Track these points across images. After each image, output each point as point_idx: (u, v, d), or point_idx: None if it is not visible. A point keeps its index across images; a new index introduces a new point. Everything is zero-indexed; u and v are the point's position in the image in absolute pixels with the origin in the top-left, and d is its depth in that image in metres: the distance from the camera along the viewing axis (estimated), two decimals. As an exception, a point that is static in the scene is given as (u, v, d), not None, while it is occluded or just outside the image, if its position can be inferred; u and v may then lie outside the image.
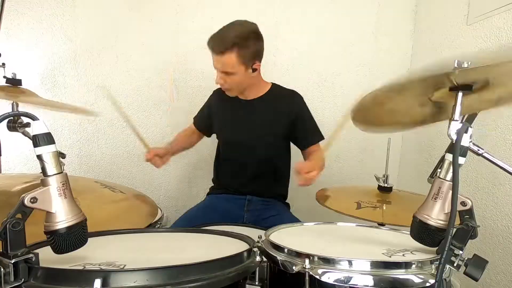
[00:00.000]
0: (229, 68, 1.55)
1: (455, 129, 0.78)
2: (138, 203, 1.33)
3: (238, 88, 1.67)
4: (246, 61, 1.56)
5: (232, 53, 1.52)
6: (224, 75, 1.58)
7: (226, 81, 1.61)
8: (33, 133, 0.68)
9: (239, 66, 1.55)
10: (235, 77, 1.59)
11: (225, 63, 1.54)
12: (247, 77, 1.62)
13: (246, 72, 1.59)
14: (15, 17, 2.11)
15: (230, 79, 1.59)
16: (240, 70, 1.56)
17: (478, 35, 1.76)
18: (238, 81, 1.61)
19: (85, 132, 2.26)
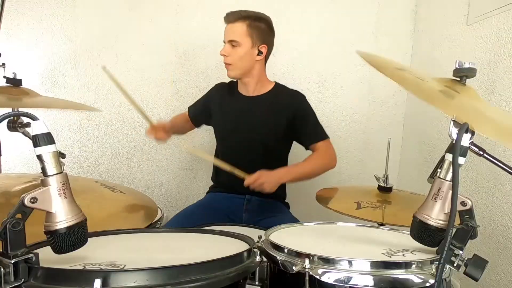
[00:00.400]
0: (236, 36, 1.60)
1: (455, 129, 0.78)
2: (138, 203, 1.33)
3: (240, 66, 1.65)
4: (254, 36, 1.62)
5: (244, 24, 1.60)
6: (229, 47, 1.62)
7: (230, 53, 1.62)
8: (33, 133, 0.68)
9: (246, 38, 1.61)
10: (240, 50, 1.61)
11: (234, 31, 1.61)
12: (251, 56, 1.64)
13: (252, 50, 1.63)
14: (15, 17, 2.11)
15: (234, 51, 1.62)
16: (246, 43, 1.61)
17: (478, 35, 1.76)
18: (241, 56, 1.62)
19: (85, 132, 2.26)
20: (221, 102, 1.82)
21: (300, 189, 2.27)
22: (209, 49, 2.28)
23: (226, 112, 1.80)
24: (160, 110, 2.31)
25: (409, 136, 2.41)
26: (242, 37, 1.60)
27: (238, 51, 1.61)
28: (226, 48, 1.63)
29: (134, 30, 2.22)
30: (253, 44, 1.63)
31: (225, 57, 1.64)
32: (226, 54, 1.63)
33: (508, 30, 1.59)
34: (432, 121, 2.13)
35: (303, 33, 2.35)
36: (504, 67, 1.60)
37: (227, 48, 1.63)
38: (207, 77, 2.29)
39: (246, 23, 1.60)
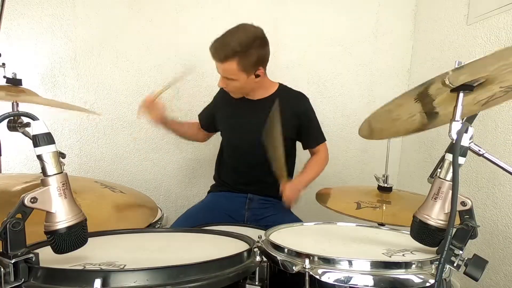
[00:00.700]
0: (229, 75, 1.57)
1: (455, 129, 0.78)
2: (138, 203, 1.33)
3: (241, 92, 1.69)
4: (248, 69, 1.56)
5: (233, 62, 1.51)
6: (226, 80, 1.60)
7: (228, 85, 1.63)
8: (33, 133, 0.68)
9: (240, 74, 1.56)
10: (236, 83, 1.60)
11: (225, 70, 1.56)
12: (250, 83, 1.63)
13: (248, 79, 1.60)
14: (15, 17, 2.11)
15: (232, 84, 1.61)
16: (241, 77, 1.58)
17: (478, 35, 1.76)
18: (239, 86, 1.63)
19: (85, 132, 2.26)
20: (226, 106, 1.82)
21: (300, 189, 2.27)
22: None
23: (231, 115, 1.80)
24: (160, 110, 2.30)
25: (409, 136, 2.41)
26: (235, 74, 1.56)
27: (235, 84, 1.61)
28: (223, 81, 1.62)
29: (134, 30, 2.22)
30: (249, 74, 1.58)
31: (225, 87, 1.65)
32: (224, 86, 1.64)
33: (508, 30, 1.59)
34: (432, 121, 2.13)
35: (303, 33, 2.35)
36: (504, 67, 1.60)
37: (224, 81, 1.61)
38: (207, 77, 2.29)
39: (235, 61, 1.51)
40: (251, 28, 1.57)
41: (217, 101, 1.88)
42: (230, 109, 1.80)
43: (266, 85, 1.75)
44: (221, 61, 1.53)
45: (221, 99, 1.85)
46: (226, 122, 1.82)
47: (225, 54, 1.51)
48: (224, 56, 1.51)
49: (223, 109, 1.83)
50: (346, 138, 2.45)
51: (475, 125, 0.79)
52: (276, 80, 1.83)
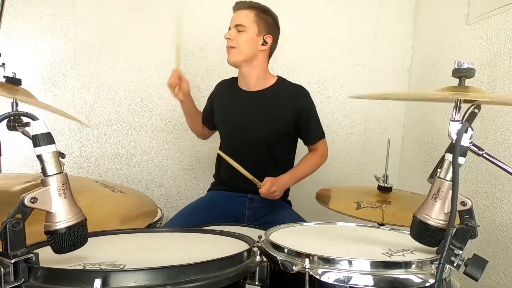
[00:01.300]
0: (243, 21, 1.61)
1: (455, 129, 0.78)
2: (138, 203, 1.33)
3: (243, 50, 1.63)
4: (261, 25, 1.64)
5: (251, 12, 1.63)
6: (235, 31, 1.62)
7: (234, 37, 1.62)
8: (33, 133, 0.68)
9: (252, 24, 1.62)
10: (245, 35, 1.61)
11: (241, 17, 1.62)
12: (255, 44, 1.64)
13: (257, 37, 1.63)
14: (15, 17, 2.11)
15: (239, 36, 1.62)
16: (252, 29, 1.62)
17: (478, 35, 1.76)
18: (246, 41, 1.62)
19: (85, 132, 2.26)
20: (222, 99, 1.82)
21: (301, 189, 2.27)
22: (209, 49, 2.28)
23: (227, 108, 1.79)
24: (160, 110, 2.31)
25: (409, 136, 2.41)
26: (249, 23, 1.61)
27: (243, 36, 1.62)
28: (231, 32, 1.63)
29: (134, 30, 2.22)
30: (259, 32, 1.63)
31: (229, 41, 1.63)
32: (230, 37, 1.62)
33: (508, 30, 1.59)
34: (432, 121, 2.13)
35: (303, 33, 2.35)
36: (504, 67, 1.60)
37: (232, 32, 1.62)
38: (207, 77, 2.29)
39: (254, 12, 1.62)
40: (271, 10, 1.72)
41: (214, 97, 1.87)
42: (227, 101, 1.79)
43: (266, 76, 1.73)
44: (242, 8, 1.64)
45: (218, 94, 1.85)
46: (224, 114, 1.80)
47: (248, 4, 1.65)
48: (247, 5, 1.64)
49: (220, 102, 1.82)
50: (346, 138, 2.46)
51: (475, 125, 0.79)
52: (276, 79, 1.82)
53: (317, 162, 1.79)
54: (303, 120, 1.71)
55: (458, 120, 0.79)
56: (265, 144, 1.70)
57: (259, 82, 1.71)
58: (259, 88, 1.72)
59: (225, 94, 1.81)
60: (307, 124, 1.73)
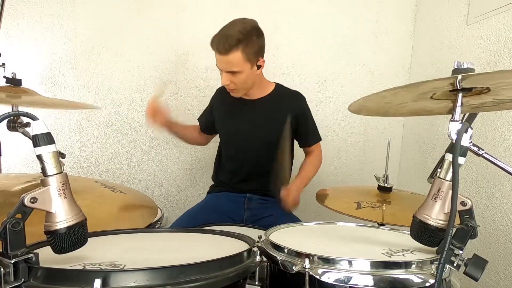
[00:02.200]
0: (234, 67, 1.53)
1: (455, 129, 0.78)
2: (138, 203, 1.33)
3: (244, 87, 1.65)
4: (251, 58, 1.55)
5: (238, 51, 1.50)
6: (230, 75, 1.56)
7: (232, 81, 1.58)
8: (33, 133, 0.68)
9: (244, 64, 1.53)
10: (241, 76, 1.56)
11: (230, 62, 1.52)
12: (253, 75, 1.61)
13: (252, 70, 1.58)
14: (15, 17, 2.11)
15: (236, 79, 1.57)
16: (246, 68, 1.55)
17: (478, 35, 1.76)
18: (244, 80, 1.59)
19: (85, 132, 2.26)
20: (223, 106, 1.82)
21: (300, 189, 2.27)
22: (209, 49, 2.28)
23: (229, 116, 1.79)
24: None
25: (409, 136, 2.41)
26: (241, 66, 1.53)
27: (240, 77, 1.57)
28: (227, 77, 1.56)
29: (134, 30, 2.22)
30: (252, 65, 1.57)
31: (229, 84, 1.59)
32: (228, 83, 1.58)
33: (508, 30, 1.59)
34: (432, 121, 2.13)
35: (303, 33, 2.35)
36: (504, 67, 1.60)
37: (228, 77, 1.56)
38: (207, 77, 2.29)
39: (240, 50, 1.49)
40: (246, 19, 1.58)
41: (214, 102, 1.87)
42: (227, 109, 1.80)
43: (264, 84, 1.75)
44: (226, 52, 1.49)
45: (218, 100, 1.85)
46: (224, 122, 1.81)
47: (229, 44, 1.48)
48: (229, 46, 1.48)
49: (221, 109, 1.83)
50: (346, 138, 2.46)
51: (475, 125, 0.79)
52: (276, 80, 1.83)
53: (317, 164, 1.82)
54: (301, 123, 1.74)
55: (458, 120, 0.79)
56: (266, 148, 1.72)
57: (258, 91, 1.74)
58: (259, 96, 1.74)
59: (225, 101, 1.80)
60: (305, 126, 1.76)
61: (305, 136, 1.79)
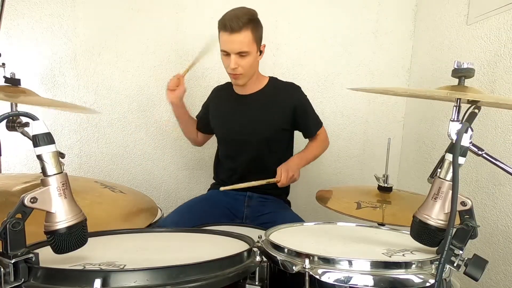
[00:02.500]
0: (245, 46, 1.53)
1: (455, 129, 0.78)
2: (138, 203, 1.33)
3: (249, 73, 1.64)
4: (258, 40, 1.59)
5: (248, 30, 1.52)
6: (238, 58, 1.56)
7: (240, 65, 1.57)
8: (33, 133, 0.68)
9: (253, 45, 1.56)
10: (249, 59, 1.57)
11: (242, 42, 1.52)
12: (256, 60, 1.64)
13: (256, 54, 1.61)
14: (15, 17, 2.11)
15: (244, 62, 1.57)
16: (253, 50, 1.57)
17: (478, 35, 1.76)
18: (250, 64, 1.59)
19: (85, 132, 2.26)
20: (218, 104, 1.84)
21: (301, 189, 2.28)
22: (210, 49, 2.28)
23: (224, 113, 1.80)
24: (160, 110, 2.31)
25: (409, 136, 2.41)
26: (250, 46, 1.55)
27: (248, 59, 1.57)
28: (236, 60, 1.55)
29: (134, 30, 2.22)
30: (258, 47, 1.60)
31: (235, 69, 1.58)
32: (237, 66, 1.56)
33: (508, 30, 1.59)
34: (432, 121, 2.13)
35: (303, 33, 2.35)
36: (504, 67, 1.60)
37: (237, 59, 1.55)
38: (207, 77, 2.29)
39: (250, 29, 1.52)
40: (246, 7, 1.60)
41: (211, 102, 1.88)
42: (222, 105, 1.81)
43: (259, 78, 1.75)
44: (239, 29, 1.49)
45: (215, 100, 1.87)
46: (220, 120, 1.81)
47: (242, 22, 1.49)
48: (242, 24, 1.49)
49: (216, 106, 1.84)
50: (346, 138, 2.46)
51: (475, 125, 0.79)
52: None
53: (321, 145, 1.83)
54: (299, 115, 1.74)
55: (458, 120, 0.79)
56: (265, 143, 1.72)
57: (253, 85, 1.73)
58: (254, 90, 1.74)
59: (221, 99, 1.83)
60: (304, 117, 1.76)
61: (307, 127, 1.80)
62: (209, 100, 1.90)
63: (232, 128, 1.76)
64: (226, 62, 1.59)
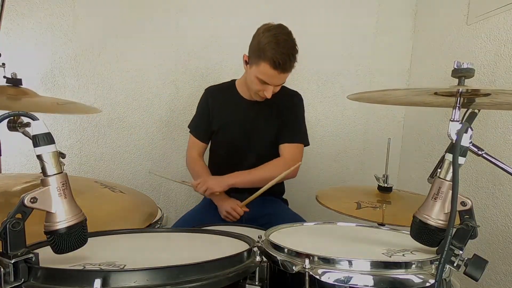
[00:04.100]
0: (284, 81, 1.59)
1: (455, 129, 0.78)
2: (138, 203, 1.33)
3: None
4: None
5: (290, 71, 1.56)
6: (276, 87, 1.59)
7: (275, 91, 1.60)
8: (33, 133, 0.68)
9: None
10: (279, 87, 1.62)
11: (285, 78, 1.57)
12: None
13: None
14: (15, 17, 2.11)
15: (275, 90, 1.60)
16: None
17: (478, 35, 1.76)
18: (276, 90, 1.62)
19: (85, 132, 2.26)
20: (223, 106, 1.77)
21: (300, 189, 2.28)
22: (209, 49, 2.28)
23: (230, 116, 1.76)
24: (160, 110, 2.31)
25: (409, 136, 2.41)
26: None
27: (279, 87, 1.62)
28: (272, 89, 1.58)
29: (134, 30, 2.22)
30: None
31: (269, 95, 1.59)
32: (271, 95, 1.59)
33: (508, 30, 1.59)
34: (432, 121, 2.13)
35: (303, 33, 2.33)
36: (504, 67, 1.60)
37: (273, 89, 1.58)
38: (207, 77, 2.29)
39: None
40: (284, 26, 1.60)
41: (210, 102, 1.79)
42: (228, 110, 1.77)
43: None
44: (287, 71, 1.52)
45: (216, 100, 1.79)
46: (225, 122, 1.77)
47: (294, 62, 1.54)
48: (290, 66, 1.53)
49: (220, 110, 1.77)
50: (346, 138, 2.46)
51: (475, 125, 0.79)
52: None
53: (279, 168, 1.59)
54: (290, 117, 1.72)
55: (457, 120, 0.79)
56: (264, 147, 1.73)
57: None
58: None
59: (226, 103, 1.77)
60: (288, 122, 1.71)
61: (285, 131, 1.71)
62: (207, 102, 1.80)
63: (237, 131, 1.74)
64: (261, 87, 1.57)
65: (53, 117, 2.21)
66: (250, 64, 1.57)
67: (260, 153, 1.73)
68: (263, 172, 1.64)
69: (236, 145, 1.77)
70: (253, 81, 1.57)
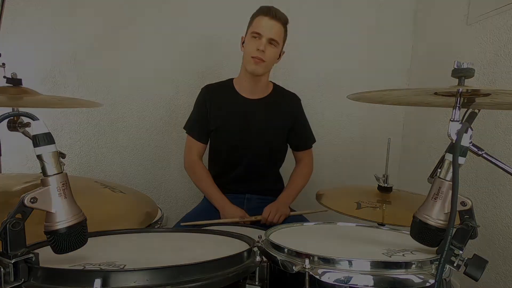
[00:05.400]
0: (277, 36, 1.62)
1: (455, 129, 0.78)
2: (138, 203, 1.33)
3: (269, 66, 1.68)
4: (284, 42, 1.69)
5: (283, 27, 1.65)
6: (268, 44, 1.61)
7: (266, 51, 1.61)
8: (33, 133, 0.68)
9: (281, 41, 1.66)
10: (275, 50, 1.64)
11: (277, 31, 1.62)
12: (276, 58, 1.69)
13: (279, 52, 1.68)
14: (15, 17, 2.11)
15: (270, 50, 1.62)
16: (280, 45, 1.66)
17: (478, 35, 1.76)
18: (272, 57, 1.65)
19: (85, 132, 2.26)
20: (221, 105, 1.75)
21: (300, 189, 2.27)
22: (209, 49, 2.28)
23: (228, 114, 1.75)
24: (160, 110, 2.31)
25: (409, 136, 2.41)
26: (280, 39, 1.65)
27: (274, 51, 1.64)
28: (266, 44, 1.60)
29: (134, 30, 2.22)
30: (282, 47, 1.70)
31: (262, 52, 1.60)
32: (264, 48, 1.60)
33: (508, 30, 1.59)
34: (432, 121, 2.13)
35: (303, 33, 2.35)
36: (504, 67, 1.60)
37: (267, 44, 1.61)
38: (207, 77, 2.29)
39: (284, 27, 1.65)
40: None
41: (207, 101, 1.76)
42: (227, 108, 1.76)
43: (266, 83, 1.75)
44: (279, 19, 1.61)
45: (214, 98, 1.76)
46: (223, 121, 1.75)
47: (283, 17, 1.64)
48: (282, 18, 1.63)
49: (218, 108, 1.75)
50: (346, 138, 2.46)
51: (475, 125, 0.79)
52: (276, 80, 1.83)
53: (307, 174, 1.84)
54: (299, 126, 1.79)
55: (457, 120, 0.79)
56: (268, 149, 1.74)
57: (262, 90, 1.75)
58: (261, 95, 1.75)
59: (225, 101, 1.75)
60: (300, 131, 1.81)
61: (299, 140, 1.83)
62: (204, 100, 1.77)
63: (236, 130, 1.74)
64: (254, 44, 1.60)
65: (53, 117, 2.22)
66: (246, 36, 1.67)
67: (258, 151, 1.73)
68: (301, 181, 1.81)
69: (235, 143, 1.76)
70: (247, 44, 1.64)
